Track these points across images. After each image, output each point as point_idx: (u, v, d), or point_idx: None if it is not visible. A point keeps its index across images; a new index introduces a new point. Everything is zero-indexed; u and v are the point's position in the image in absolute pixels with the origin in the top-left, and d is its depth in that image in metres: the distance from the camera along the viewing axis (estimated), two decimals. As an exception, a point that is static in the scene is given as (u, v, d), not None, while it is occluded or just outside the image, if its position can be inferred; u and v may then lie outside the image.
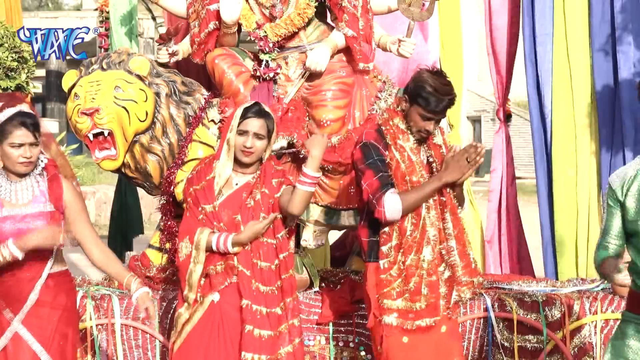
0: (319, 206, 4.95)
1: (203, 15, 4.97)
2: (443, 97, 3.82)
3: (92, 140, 4.78)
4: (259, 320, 3.83)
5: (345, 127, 4.88)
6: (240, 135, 3.94)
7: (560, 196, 6.03)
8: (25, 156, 3.58)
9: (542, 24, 6.06)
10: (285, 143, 4.84)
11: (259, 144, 3.94)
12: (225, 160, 3.96)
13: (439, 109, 3.84)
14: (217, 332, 3.86)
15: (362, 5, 4.88)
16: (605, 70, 5.97)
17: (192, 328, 3.88)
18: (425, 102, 3.83)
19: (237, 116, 3.98)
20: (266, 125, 3.97)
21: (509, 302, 4.73)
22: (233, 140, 3.94)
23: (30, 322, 3.60)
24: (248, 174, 4.00)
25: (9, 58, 5.53)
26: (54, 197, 3.66)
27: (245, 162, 3.97)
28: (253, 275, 3.86)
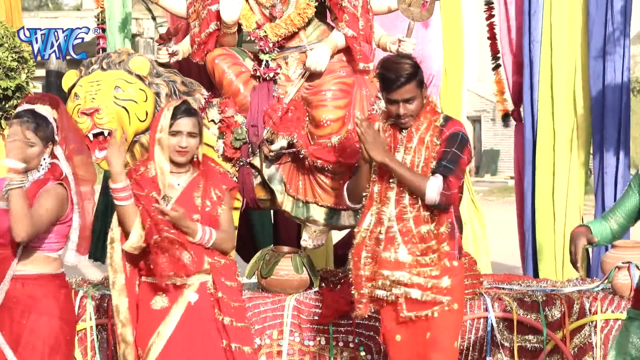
0: (319, 206, 4.95)
1: (204, 16, 4.97)
2: (396, 76, 3.76)
3: (92, 140, 4.77)
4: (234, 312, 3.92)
5: (345, 127, 4.87)
6: (173, 135, 3.95)
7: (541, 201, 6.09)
8: None
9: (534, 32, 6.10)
10: (285, 143, 4.84)
11: (192, 142, 3.98)
12: (161, 159, 3.97)
13: (394, 88, 3.77)
14: (199, 334, 3.87)
15: (362, 5, 4.89)
16: (597, 76, 6.02)
17: (172, 333, 3.86)
18: (383, 86, 3.84)
19: (167, 116, 3.98)
20: (197, 122, 4.01)
21: (509, 302, 4.73)
22: (165, 141, 3.95)
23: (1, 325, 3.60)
24: (183, 173, 4.03)
25: (9, 58, 5.52)
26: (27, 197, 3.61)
27: (181, 162, 3.99)
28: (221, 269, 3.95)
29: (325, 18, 5.12)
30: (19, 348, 3.59)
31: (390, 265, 3.74)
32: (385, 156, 3.74)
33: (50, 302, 3.68)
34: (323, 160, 4.81)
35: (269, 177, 4.95)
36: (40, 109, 3.70)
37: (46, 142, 3.68)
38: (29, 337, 3.60)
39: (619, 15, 5.96)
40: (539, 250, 6.08)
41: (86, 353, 4.73)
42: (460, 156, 3.77)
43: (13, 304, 3.61)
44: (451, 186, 3.71)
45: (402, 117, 3.83)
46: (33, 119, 3.64)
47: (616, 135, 5.99)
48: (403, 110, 3.81)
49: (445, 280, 3.74)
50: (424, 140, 3.81)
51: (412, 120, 3.85)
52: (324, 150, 4.81)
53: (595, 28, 6.02)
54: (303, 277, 4.86)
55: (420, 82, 3.84)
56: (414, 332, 3.80)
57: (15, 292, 3.61)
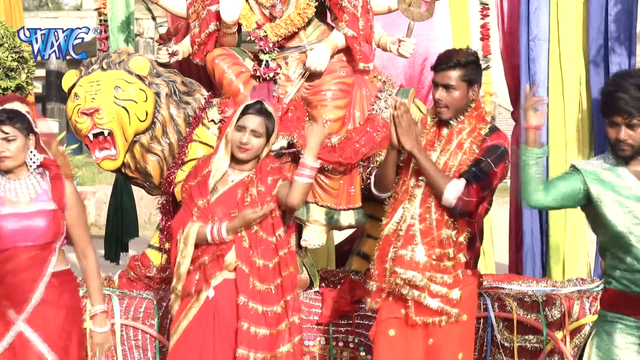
0: (319, 206, 4.95)
1: (203, 16, 4.97)
2: (446, 58, 3.75)
3: (92, 140, 4.78)
4: (254, 317, 3.81)
5: (345, 127, 4.88)
6: (237, 131, 3.93)
7: None
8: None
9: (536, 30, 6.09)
10: (285, 143, 4.84)
11: (255, 141, 3.93)
12: (223, 155, 3.96)
13: (438, 69, 3.75)
14: (212, 328, 3.85)
15: (362, 5, 4.89)
16: (599, 80, 6.01)
17: (187, 324, 3.87)
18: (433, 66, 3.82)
19: (238, 112, 3.98)
20: (265, 123, 3.96)
21: (509, 302, 4.73)
22: (231, 135, 3.94)
23: (36, 322, 3.60)
24: (244, 171, 3.98)
25: (9, 58, 5.53)
26: (57, 196, 3.66)
27: (241, 158, 3.95)
28: (251, 272, 3.84)
29: (325, 18, 5.12)
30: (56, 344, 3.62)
31: (405, 263, 3.66)
32: (414, 145, 3.67)
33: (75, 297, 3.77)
34: (323, 160, 4.80)
35: (269, 177, 4.95)
36: (10, 106, 3.70)
37: (27, 134, 3.66)
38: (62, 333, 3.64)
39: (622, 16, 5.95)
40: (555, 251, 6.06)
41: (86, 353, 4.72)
42: (492, 168, 3.67)
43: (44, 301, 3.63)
44: (472, 193, 3.62)
45: (437, 103, 3.76)
46: (6, 114, 3.64)
47: None
48: (438, 95, 3.75)
49: (456, 292, 3.67)
50: (463, 145, 3.73)
51: (448, 113, 3.75)
52: (324, 150, 4.80)
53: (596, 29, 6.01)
54: (303, 277, 4.86)
55: (469, 78, 3.74)
56: (413, 333, 3.73)
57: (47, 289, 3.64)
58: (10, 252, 3.58)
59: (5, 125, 3.60)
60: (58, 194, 3.66)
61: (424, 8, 4.87)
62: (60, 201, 3.66)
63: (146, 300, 4.80)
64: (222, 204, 3.91)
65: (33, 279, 3.60)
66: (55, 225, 3.63)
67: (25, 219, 3.60)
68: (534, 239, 6.17)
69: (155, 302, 4.75)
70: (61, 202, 3.66)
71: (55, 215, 3.63)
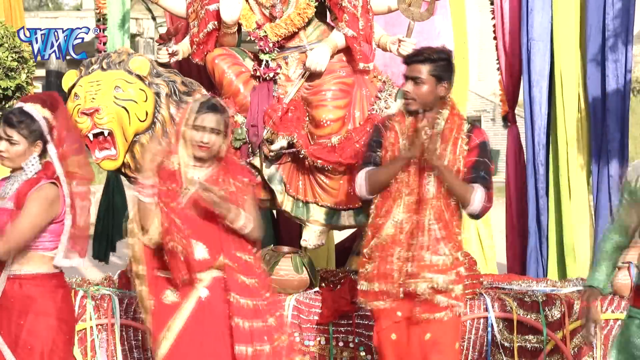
0: (319, 206, 4.95)
1: (202, 16, 4.97)
2: (417, 53, 3.88)
3: (92, 140, 4.78)
4: (246, 312, 3.83)
5: (345, 127, 4.88)
6: (196, 130, 3.89)
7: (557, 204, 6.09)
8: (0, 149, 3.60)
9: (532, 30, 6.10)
10: (285, 143, 4.84)
11: (215, 139, 3.90)
12: (184, 153, 3.92)
13: (408, 63, 3.87)
14: (209, 329, 3.84)
15: (362, 5, 4.89)
16: (597, 79, 6.02)
17: (181, 328, 3.84)
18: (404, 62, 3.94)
19: (193, 110, 3.92)
20: (222, 120, 3.93)
21: (509, 302, 4.73)
22: (189, 135, 3.90)
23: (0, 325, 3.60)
24: (204, 168, 3.95)
25: (9, 58, 5.52)
26: (18, 197, 3.61)
27: (202, 157, 3.91)
28: (239, 269, 3.87)
29: (325, 18, 5.12)
30: (18, 349, 3.58)
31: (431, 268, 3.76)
32: (441, 163, 3.79)
33: (47, 303, 3.65)
34: (323, 160, 4.81)
35: (269, 177, 4.95)
36: (28, 107, 3.67)
37: (33, 141, 3.65)
38: (26, 337, 3.58)
39: (619, 16, 5.95)
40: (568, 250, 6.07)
41: (86, 353, 4.73)
42: (490, 167, 3.88)
43: (10, 304, 3.60)
44: (490, 199, 3.85)
45: (405, 95, 3.87)
46: (16, 117, 3.63)
47: (619, 136, 5.98)
48: (407, 88, 3.86)
49: (459, 288, 3.80)
50: (449, 142, 3.85)
51: (415, 105, 3.84)
52: (324, 150, 4.81)
53: (594, 29, 6.02)
54: (303, 277, 4.86)
55: (438, 74, 3.83)
56: (411, 331, 3.80)
57: (12, 292, 3.60)
58: None
59: (10, 128, 3.59)
60: (19, 195, 3.60)
61: (424, 8, 4.88)
62: (18, 202, 3.60)
63: (146, 300, 4.80)
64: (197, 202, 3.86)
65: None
66: None
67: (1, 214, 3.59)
68: (536, 240, 6.17)
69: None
70: (19, 203, 3.59)
71: (12, 215, 3.59)
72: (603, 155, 6.03)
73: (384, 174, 3.87)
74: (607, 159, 5.99)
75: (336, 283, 5.07)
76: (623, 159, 6.01)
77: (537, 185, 6.16)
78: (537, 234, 6.18)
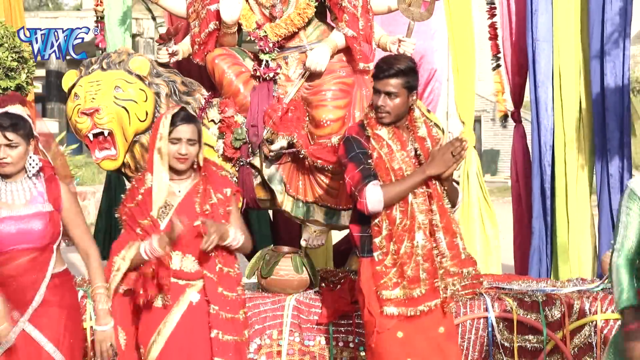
0: (319, 206, 4.95)
1: (203, 16, 4.97)
2: (387, 67, 3.87)
3: (92, 140, 4.78)
4: (224, 324, 3.85)
5: (345, 127, 4.87)
6: (172, 143, 3.91)
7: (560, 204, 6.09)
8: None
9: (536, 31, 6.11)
10: (285, 143, 4.84)
11: (192, 149, 3.93)
12: (160, 168, 3.92)
13: (380, 77, 3.87)
14: (199, 334, 3.85)
15: (362, 5, 4.89)
16: (597, 79, 6.02)
17: (172, 332, 3.84)
18: (374, 75, 3.95)
19: (166, 124, 3.93)
20: (197, 129, 3.96)
21: (509, 302, 4.73)
22: (165, 149, 3.91)
23: (40, 323, 3.61)
24: (185, 179, 3.98)
25: (9, 58, 5.52)
26: (52, 197, 3.67)
27: (181, 169, 3.94)
28: (219, 281, 3.88)
29: (325, 18, 5.12)
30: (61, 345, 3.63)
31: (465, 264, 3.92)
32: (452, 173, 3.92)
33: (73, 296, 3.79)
34: (323, 160, 4.81)
35: (269, 177, 4.95)
36: (14, 110, 3.70)
37: (28, 140, 3.67)
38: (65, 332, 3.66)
39: (617, 16, 5.96)
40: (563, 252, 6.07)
41: (86, 353, 4.72)
42: None
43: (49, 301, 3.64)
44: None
45: (379, 110, 3.89)
46: (10, 120, 3.64)
47: (619, 135, 5.99)
48: (381, 102, 3.88)
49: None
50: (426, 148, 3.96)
51: (389, 118, 3.91)
52: (324, 150, 4.81)
53: (594, 29, 6.02)
54: (303, 277, 4.86)
55: (409, 85, 3.90)
56: (420, 327, 3.84)
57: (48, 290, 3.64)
58: (9, 256, 3.59)
59: (8, 132, 3.60)
60: (53, 195, 3.67)
61: (424, 8, 4.88)
62: (56, 202, 3.66)
63: (146, 300, 4.79)
64: (182, 215, 3.86)
65: (34, 281, 3.61)
66: (53, 226, 3.64)
67: (22, 221, 3.60)
68: (540, 240, 6.17)
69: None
70: (57, 203, 3.66)
71: (51, 216, 3.64)
72: (604, 154, 6.03)
73: (405, 189, 3.85)
74: (607, 158, 6.00)
75: (336, 283, 5.07)
76: (623, 157, 6.01)
77: (543, 185, 6.16)
78: (541, 234, 6.17)
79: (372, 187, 3.82)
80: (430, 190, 3.87)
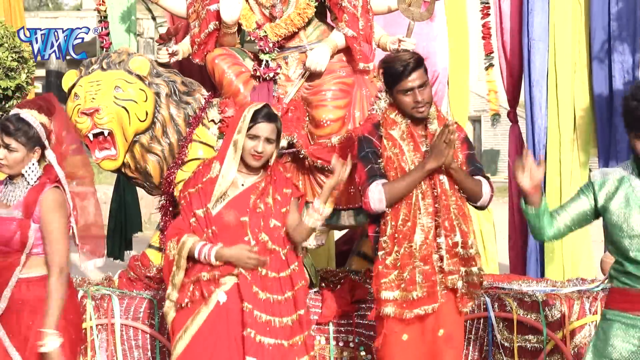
0: (319, 206, 4.94)
1: (203, 16, 4.97)
2: (404, 65, 3.82)
3: (92, 140, 4.78)
4: (259, 325, 3.76)
5: (345, 127, 4.88)
6: (251, 139, 3.85)
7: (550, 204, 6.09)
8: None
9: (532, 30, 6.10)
10: (285, 143, 4.84)
11: (269, 148, 3.88)
12: (231, 161, 3.87)
13: (407, 71, 3.82)
14: (225, 333, 3.80)
15: (362, 5, 4.89)
16: (602, 77, 6.00)
17: (197, 330, 3.81)
18: (391, 81, 3.86)
19: (247, 118, 3.87)
20: (276, 128, 3.92)
21: (509, 302, 4.73)
22: (241, 143, 3.85)
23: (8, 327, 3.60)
24: (253, 175, 3.93)
25: (9, 58, 5.52)
26: (26, 205, 3.62)
27: (255, 166, 3.89)
28: (254, 280, 3.79)
29: (325, 18, 5.12)
30: (27, 351, 3.60)
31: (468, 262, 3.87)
32: (455, 164, 3.83)
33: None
34: (323, 160, 4.81)
35: (269, 177, 4.95)
36: (25, 114, 3.68)
37: (31, 147, 3.66)
38: (35, 338, 3.59)
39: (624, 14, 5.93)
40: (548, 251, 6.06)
41: (86, 353, 4.73)
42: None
43: (20, 306, 3.61)
44: (492, 186, 3.98)
45: (420, 104, 3.82)
46: (13, 125, 3.63)
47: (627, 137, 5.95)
48: (420, 97, 3.82)
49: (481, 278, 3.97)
50: None
51: (428, 109, 3.85)
52: (324, 150, 4.81)
53: (597, 28, 6.01)
54: (303, 277, 4.86)
55: (426, 72, 3.88)
56: (423, 329, 3.83)
57: (21, 294, 3.62)
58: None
59: (8, 137, 3.60)
60: (27, 203, 3.62)
61: (423, 8, 4.88)
62: (27, 210, 3.61)
63: (146, 300, 4.80)
64: (234, 208, 3.84)
65: (5, 283, 3.60)
66: (22, 234, 3.59)
67: (2, 222, 3.60)
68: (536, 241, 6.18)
69: (156, 302, 4.75)
70: (28, 211, 3.60)
71: (21, 224, 3.60)
72: (612, 155, 5.99)
73: (405, 185, 3.81)
74: (616, 159, 5.95)
75: (336, 283, 5.07)
76: None
77: None
78: None
79: (374, 186, 3.81)
80: (439, 191, 3.83)
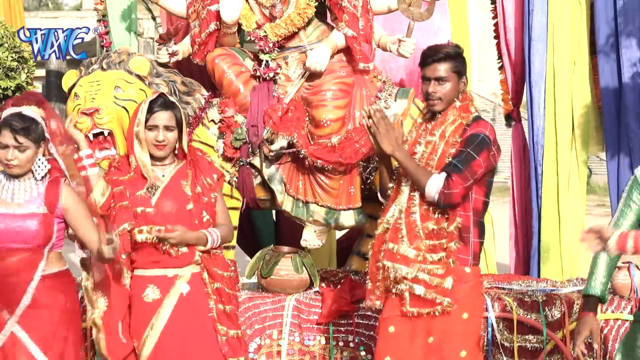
0: (319, 206, 4.95)
1: (203, 16, 4.97)
2: (434, 52, 3.78)
3: (92, 140, 4.78)
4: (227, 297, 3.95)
5: (345, 127, 4.88)
6: (150, 130, 3.93)
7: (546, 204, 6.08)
8: (7, 158, 3.59)
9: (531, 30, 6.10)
10: (285, 143, 4.84)
11: (170, 135, 3.93)
12: (141, 153, 3.95)
13: (427, 63, 3.77)
14: (192, 322, 3.87)
15: (362, 5, 4.89)
16: (608, 72, 5.97)
17: (165, 324, 3.85)
18: (421, 62, 3.83)
19: (144, 110, 3.95)
20: (174, 115, 3.96)
21: (509, 302, 4.73)
22: (142, 135, 3.93)
23: (29, 324, 3.59)
24: (167, 165, 3.99)
25: (9, 58, 5.53)
26: (49, 200, 3.64)
27: (160, 156, 3.95)
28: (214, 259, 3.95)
29: (325, 18, 5.12)
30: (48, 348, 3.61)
31: (393, 257, 3.68)
32: (395, 149, 3.70)
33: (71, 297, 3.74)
34: (323, 160, 4.81)
35: (269, 177, 4.95)
36: (27, 111, 3.70)
37: (38, 143, 3.67)
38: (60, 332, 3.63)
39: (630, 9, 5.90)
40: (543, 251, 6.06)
41: (86, 353, 4.72)
42: (474, 157, 3.63)
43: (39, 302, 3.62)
44: (452, 185, 3.58)
45: (430, 97, 3.78)
46: (21, 123, 3.64)
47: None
48: (432, 89, 3.76)
49: (449, 280, 3.63)
50: (445, 135, 3.73)
51: (441, 105, 3.77)
52: (324, 150, 4.81)
53: (602, 22, 5.98)
54: (303, 277, 4.86)
55: (458, 70, 3.78)
56: (413, 330, 3.71)
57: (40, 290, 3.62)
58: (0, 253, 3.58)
59: (19, 135, 3.60)
60: (50, 198, 3.64)
61: (424, 8, 4.88)
62: (51, 205, 3.63)
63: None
64: (169, 199, 3.90)
65: (25, 281, 3.59)
66: (46, 229, 3.61)
67: (15, 220, 3.59)
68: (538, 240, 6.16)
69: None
70: (52, 206, 3.63)
71: (45, 219, 3.62)
72: (623, 153, 5.95)
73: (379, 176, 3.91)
74: (629, 157, 5.90)
75: (336, 283, 5.07)
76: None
77: (537, 185, 6.16)
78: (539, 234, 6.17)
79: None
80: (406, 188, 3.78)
